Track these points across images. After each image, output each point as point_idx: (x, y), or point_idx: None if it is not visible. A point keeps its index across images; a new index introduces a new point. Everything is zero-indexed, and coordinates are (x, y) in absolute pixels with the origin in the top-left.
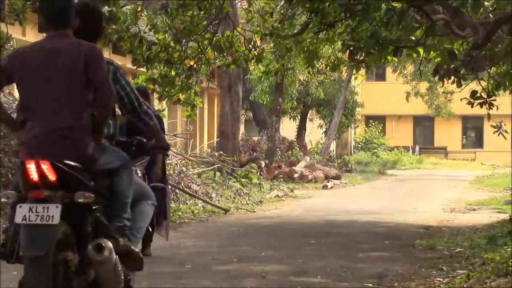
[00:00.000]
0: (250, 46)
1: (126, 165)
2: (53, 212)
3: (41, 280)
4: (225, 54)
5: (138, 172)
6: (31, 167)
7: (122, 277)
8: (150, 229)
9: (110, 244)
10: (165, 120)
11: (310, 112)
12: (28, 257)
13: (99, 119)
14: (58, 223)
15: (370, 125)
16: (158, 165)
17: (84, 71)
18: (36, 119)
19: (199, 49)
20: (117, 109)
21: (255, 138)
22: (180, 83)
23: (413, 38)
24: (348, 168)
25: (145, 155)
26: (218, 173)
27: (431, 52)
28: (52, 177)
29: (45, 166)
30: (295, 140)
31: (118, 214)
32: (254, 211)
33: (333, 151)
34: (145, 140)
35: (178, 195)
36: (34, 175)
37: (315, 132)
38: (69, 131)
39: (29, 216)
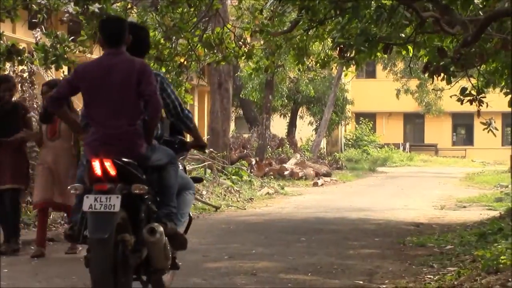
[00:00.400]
0: (240, 43)
1: (173, 161)
2: (114, 202)
3: (104, 257)
4: (215, 51)
5: (180, 166)
6: (96, 164)
7: (170, 255)
8: (190, 216)
9: (161, 227)
10: None
11: (300, 109)
12: (94, 239)
13: (150, 125)
14: (118, 211)
15: (360, 122)
16: None
17: (136, 85)
18: (98, 125)
19: (189, 46)
20: (163, 113)
21: (246, 136)
22: (170, 81)
23: (403, 35)
24: (338, 165)
25: (186, 152)
26: (208, 171)
27: (421, 50)
28: (112, 172)
29: (107, 163)
30: (286, 137)
31: (166, 202)
32: (245, 209)
33: (324, 148)
34: (185, 139)
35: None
36: (98, 171)
37: (305, 129)
38: (125, 135)
39: (94, 205)
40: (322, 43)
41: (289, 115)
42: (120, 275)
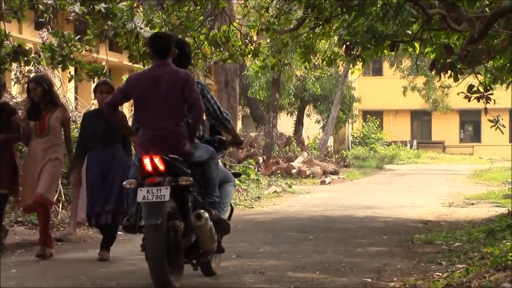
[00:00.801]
0: (247, 41)
1: (213, 157)
2: (164, 192)
3: (158, 241)
4: (221, 49)
5: (220, 162)
6: (147, 161)
7: (216, 238)
8: (232, 206)
9: (206, 214)
10: None
11: (307, 107)
12: (148, 225)
13: (193, 127)
14: (168, 200)
15: (367, 120)
16: None
17: (181, 93)
18: (147, 127)
19: (196, 45)
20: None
21: (253, 134)
22: None
23: (410, 32)
24: (346, 163)
25: (224, 149)
26: None
27: (428, 47)
28: (161, 167)
29: (157, 159)
30: (293, 135)
31: (209, 193)
32: (252, 207)
33: (331, 146)
34: (223, 138)
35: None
36: (149, 166)
37: (312, 127)
38: (171, 136)
39: (147, 196)
40: (329, 40)
41: (296, 113)
42: (173, 258)
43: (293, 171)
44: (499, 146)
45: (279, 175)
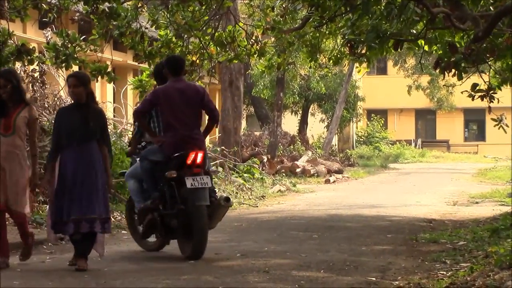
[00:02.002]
0: (252, 40)
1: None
2: (207, 180)
3: (205, 217)
4: (227, 49)
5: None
6: (193, 155)
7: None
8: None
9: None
10: None
11: (311, 106)
12: (199, 206)
13: (210, 129)
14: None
15: (372, 119)
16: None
17: (199, 104)
18: (178, 130)
19: (201, 45)
20: None
21: (257, 133)
22: None
23: (414, 31)
24: (350, 162)
25: None
26: (220, 168)
27: (432, 45)
28: (200, 160)
29: (200, 155)
30: (297, 134)
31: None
32: (257, 206)
33: (335, 145)
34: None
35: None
36: (197, 159)
37: (317, 126)
38: (196, 137)
39: (194, 183)
40: (335, 39)
41: (301, 112)
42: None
43: (298, 170)
44: (504, 145)
45: (284, 174)
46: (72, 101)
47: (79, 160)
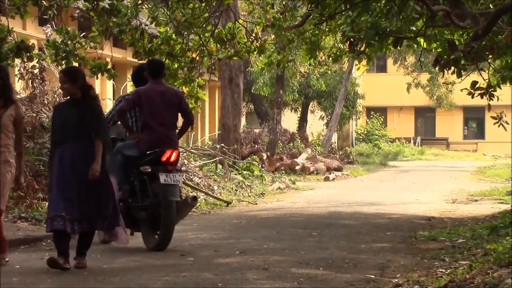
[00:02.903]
0: (252, 37)
1: None
2: (179, 178)
3: (173, 212)
4: (227, 46)
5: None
6: (168, 153)
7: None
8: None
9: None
10: None
11: (311, 104)
12: (170, 200)
13: (184, 131)
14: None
15: (371, 116)
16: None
17: (177, 106)
18: (153, 129)
19: (201, 42)
20: None
21: (257, 131)
22: (183, 76)
23: (414, 28)
24: (349, 160)
25: None
26: (219, 166)
27: (432, 43)
28: (174, 159)
29: (175, 154)
30: (297, 132)
31: None
32: (256, 204)
33: (335, 142)
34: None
35: (180, 188)
36: (171, 157)
37: (316, 124)
38: (171, 137)
39: (167, 180)
40: (334, 37)
41: (300, 109)
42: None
43: (297, 167)
44: (503, 143)
45: (283, 172)
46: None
47: (76, 157)
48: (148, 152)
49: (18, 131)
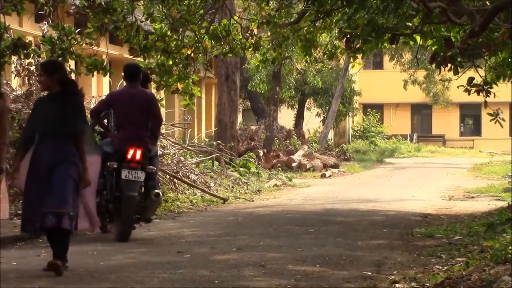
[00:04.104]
0: (247, 34)
1: (156, 154)
2: (141, 175)
3: (132, 207)
4: (222, 43)
5: None
6: (132, 151)
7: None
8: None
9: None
10: (163, 110)
11: (307, 101)
12: (128, 196)
13: (155, 132)
14: (142, 181)
15: (368, 113)
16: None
17: (147, 108)
18: (125, 129)
19: (196, 38)
20: None
21: (253, 127)
22: (178, 73)
23: (410, 25)
24: (346, 157)
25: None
26: (216, 163)
27: (428, 40)
28: (139, 157)
29: (139, 152)
30: (293, 129)
31: (153, 178)
32: (253, 200)
33: (331, 139)
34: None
35: (177, 185)
36: (135, 155)
37: (313, 120)
38: (141, 137)
39: (129, 176)
40: (330, 34)
41: (297, 106)
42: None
43: (294, 164)
44: (500, 140)
45: (280, 168)
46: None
47: (53, 154)
48: (119, 150)
49: (3, 122)
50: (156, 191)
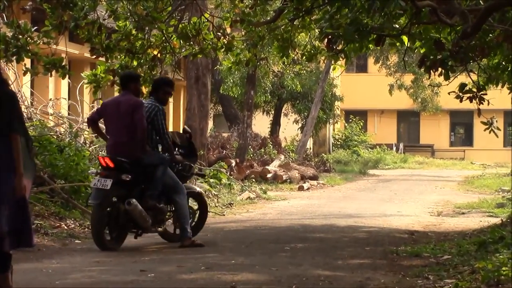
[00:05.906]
0: (219, 34)
1: (162, 163)
2: (108, 183)
3: (98, 215)
4: (191, 43)
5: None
6: (101, 159)
7: (148, 219)
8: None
9: (134, 200)
10: None
11: (285, 106)
12: (92, 203)
13: (140, 139)
14: (110, 189)
15: (350, 120)
16: None
17: (130, 115)
18: (112, 136)
19: (164, 38)
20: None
21: (225, 135)
22: (143, 75)
23: (397, 26)
24: (326, 168)
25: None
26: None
27: (416, 42)
28: (111, 165)
29: (107, 160)
30: (269, 136)
31: (152, 187)
32: (224, 214)
33: (310, 149)
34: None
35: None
36: (106, 163)
37: (290, 128)
38: (127, 144)
39: (96, 183)
40: (309, 34)
41: (273, 112)
42: (112, 228)
43: (269, 175)
44: (493, 151)
45: (253, 180)
46: None
47: None
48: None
49: None
50: (129, 199)
